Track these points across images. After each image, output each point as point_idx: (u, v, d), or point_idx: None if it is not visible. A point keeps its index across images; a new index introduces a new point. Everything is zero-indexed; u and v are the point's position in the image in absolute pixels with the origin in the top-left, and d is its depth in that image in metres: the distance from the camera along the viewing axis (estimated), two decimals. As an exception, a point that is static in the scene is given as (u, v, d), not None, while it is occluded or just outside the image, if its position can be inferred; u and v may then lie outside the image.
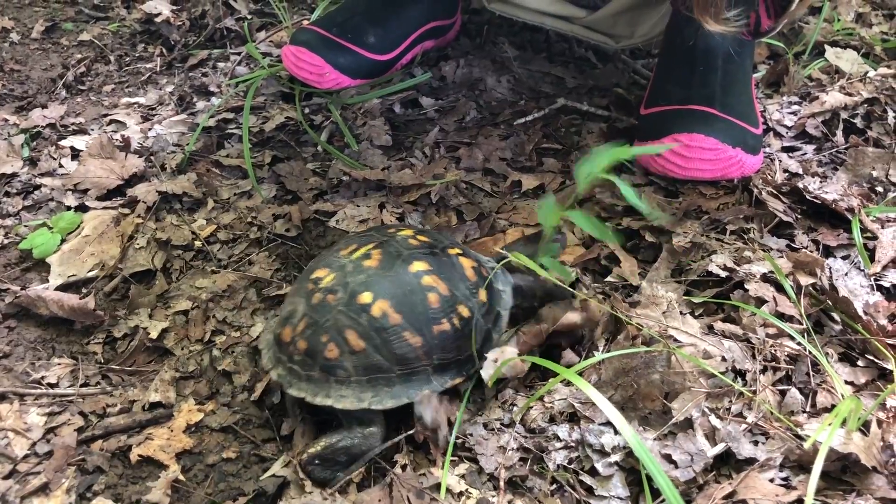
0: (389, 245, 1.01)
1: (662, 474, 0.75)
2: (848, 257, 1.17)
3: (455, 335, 0.98)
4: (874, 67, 1.61)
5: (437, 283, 0.98)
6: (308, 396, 0.94)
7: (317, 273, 1.00)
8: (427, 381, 0.96)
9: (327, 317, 0.95)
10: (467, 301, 1.00)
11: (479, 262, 1.08)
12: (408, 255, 0.99)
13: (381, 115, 1.59)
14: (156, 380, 1.08)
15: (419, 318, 0.96)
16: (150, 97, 1.74)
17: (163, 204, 1.39)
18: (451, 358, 0.98)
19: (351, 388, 0.94)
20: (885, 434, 0.88)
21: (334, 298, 0.96)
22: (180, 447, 0.99)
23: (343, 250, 1.02)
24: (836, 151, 1.42)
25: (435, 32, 1.76)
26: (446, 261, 1.02)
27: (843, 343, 1.04)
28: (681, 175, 1.30)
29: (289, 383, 0.96)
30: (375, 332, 0.94)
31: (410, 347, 0.95)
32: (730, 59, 1.36)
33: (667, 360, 0.95)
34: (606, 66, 1.78)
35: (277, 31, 1.93)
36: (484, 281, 1.04)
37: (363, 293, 0.95)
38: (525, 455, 0.94)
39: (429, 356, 0.96)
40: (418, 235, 1.05)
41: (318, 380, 0.94)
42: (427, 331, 0.96)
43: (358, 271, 0.97)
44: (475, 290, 1.02)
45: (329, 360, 0.94)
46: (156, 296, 1.22)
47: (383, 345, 0.94)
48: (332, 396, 0.93)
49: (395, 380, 0.95)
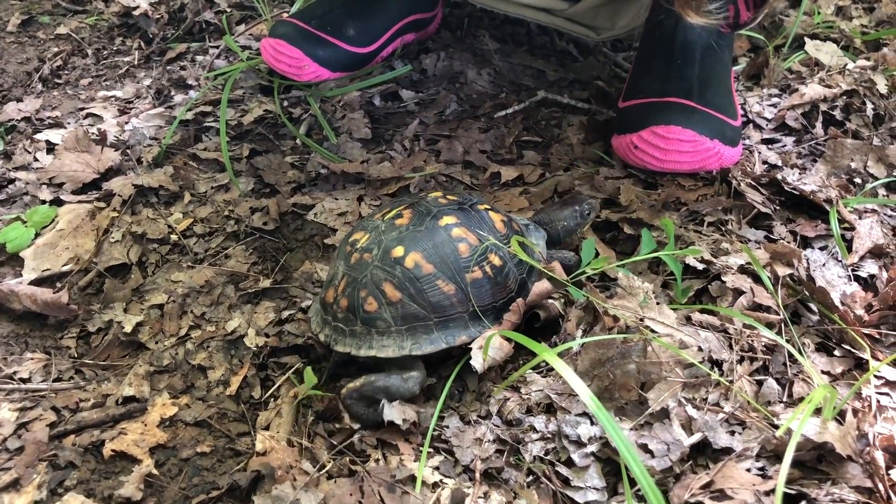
0: (420, 205, 1.06)
1: (636, 459, 0.74)
2: (826, 248, 1.17)
3: (489, 283, 1.03)
4: (853, 60, 1.62)
5: (466, 235, 1.03)
6: (353, 350, 0.99)
7: (354, 236, 1.06)
8: (464, 327, 1.01)
9: (364, 273, 1.01)
10: (498, 250, 1.05)
11: (510, 217, 1.12)
12: (437, 212, 1.05)
13: (361, 107, 1.58)
14: (130, 374, 1.07)
15: (451, 267, 1.01)
16: (127, 90, 1.72)
17: (139, 197, 1.38)
18: (487, 304, 1.03)
19: (392, 338, 0.99)
20: (861, 423, 0.88)
21: (370, 256, 1.01)
22: (154, 441, 0.98)
23: (377, 214, 1.08)
24: (815, 143, 1.42)
25: (415, 25, 1.75)
26: (475, 215, 1.07)
27: (820, 333, 1.04)
28: (658, 167, 1.30)
29: (334, 341, 1.01)
30: (409, 282, 0.99)
31: (445, 295, 1.00)
32: (708, 52, 1.36)
33: (643, 351, 0.95)
34: (587, 59, 1.78)
35: (257, 24, 1.92)
36: (516, 233, 1.08)
37: (396, 248, 1.00)
38: (501, 447, 0.93)
39: (464, 303, 1.01)
40: (448, 195, 1.10)
41: (360, 333, 1.00)
42: (460, 279, 1.01)
43: (391, 230, 1.03)
44: (507, 241, 1.06)
45: (369, 312, 0.99)
46: (131, 290, 1.21)
47: (418, 294, 0.99)
48: (375, 347, 0.99)
49: (432, 327, 1.00)
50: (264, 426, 0.99)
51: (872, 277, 1.12)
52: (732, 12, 1.33)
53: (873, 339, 1.01)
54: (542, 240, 1.15)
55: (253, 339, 1.10)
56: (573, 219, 1.19)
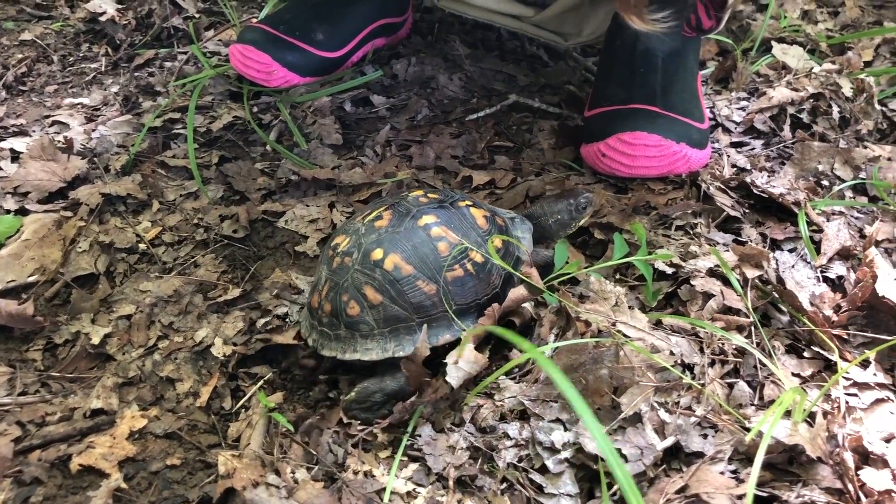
0: (400, 205, 1.07)
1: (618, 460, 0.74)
2: (794, 250, 1.18)
3: (471, 280, 1.03)
4: (819, 63, 1.64)
5: (446, 233, 1.03)
6: (338, 354, 1.00)
7: (336, 240, 1.06)
8: (448, 326, 1.02)
9: (346, 277, 1.01)
10: (480, 248, 1.05)
11: (494, 212, 1.12)
12: (417, 212, 1.05)
13: (332, 113, 1.57)
14: (97, 386, 1.05)
15: (431, 266, 1.01)
16: (94, 97, 1.69)
17: (106, 206, 1.36)
18: (470, 302, 1.03)
19: (375, 341, 1.00)
20: (830, 425, 0.89)
21: (350, 260, 1.02)
22: (123, 455, 0.96)
23: (358, 217, 1.08)
24: (783, 146, 1.43)
25: (385, 30, 1.74)
26: (455, 212, 1.07)
27: (790, 335, 1.05)
28: (628, 173, 1.30)
29: (321, 346, 1.02)
30: (390, 284, 1.00)
31: (426, 295, 1.00)
32: (671, 57, 1.36)
33: (615, 355, 0.95)
34: (558, 64, 1.78)
35: (226, 30, 1.90)
36: (499, 229, 1.08)
37: (375, 250, 1.01)
38: (475, 454, 0.93)
39: (446, 302, 1.01)
40: (429, 193, 1.10)
41: (345, 337, 1.01)
42: (441, 278, 1.01)
43: (370, 232, 1.03)
44: (488, 237, 1.06)
45: (352, 317, 1.00)
46: (99, 300, 1.19)
47: (399, 296, 1.00)
48: (359, 350, 1.00)
49: (415, 327, 1.01)
50: (235, 438, 0.98)
51: (841, 279, 1.13)
52: (694, 20, 1.35)
53: (842, 339, 1.02)
54: (529, 233, 1.15)
55: (221, 349, 1.09)
56: (567, 212, 1.18)
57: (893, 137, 1.46)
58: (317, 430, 0.96)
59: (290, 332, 1.09)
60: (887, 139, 1.46)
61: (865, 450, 0.86)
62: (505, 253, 1.08)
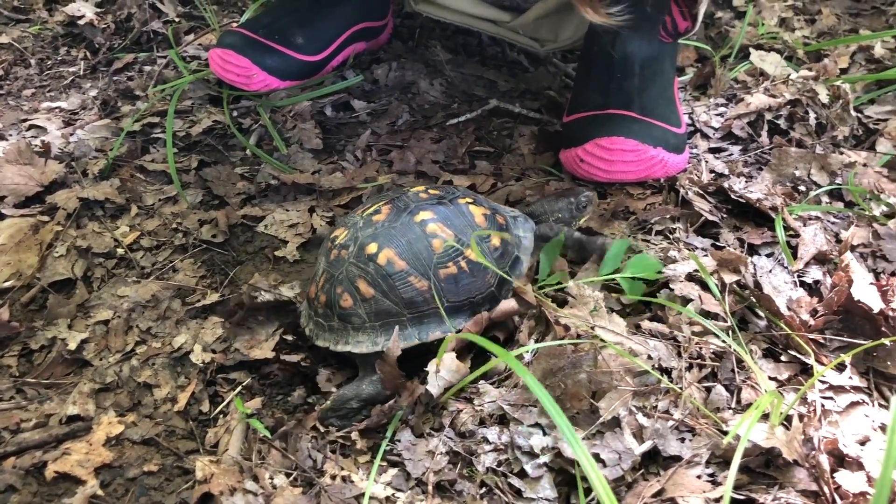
0: (399, 200, 1.08)
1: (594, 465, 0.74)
2: (772, 255, 1.19)
3: (465, 278, 1.03)
4: (796, 70, 1.65)
5: (441, 230, 1.04)
6: (331, 345, 1.02)
7: (335, 233, 1.08)
8: (439, 323, 1.02)
9: (341, 269, 1.03)
10: (477, 245, 1.05)
11: (495, 210, 1.13)
12: (415, 207, 1.06)
13: (312, 117, 1.57)
14: (74, 392, 1.04)
15: (424, 263, 1.02)
16: (72, 101, 1.68)
17: (84, 211, 1.35)
18: (464, 300, 1.04)
19: (366, 334, 1.01)
20: (806, 428, 0.89)
21: (347, 252, 1.04)
22: (99, 461, 0.96)
23: (358, 210, 1.10)
24: (760, 152, 1.45)
25: (365, 34, 1.74)
26: (454, 209, 1.07)
27: (768, 339, 1.05)
28: (606, 178, 1.31)
29: (316, 336, 1.04)
30: (382, 278, 1.01)
31: (418, 291, 1.01)
32: (648, 63, 1.37)
33: (593, 360, 0.95)
34: (538, 70, 1.79)
35: (206, 34, 1.89)
36: (498, 227, 1.09)
37: (370, 244, 1.02)
38: (454, 459, 0.93)
39: (438, 299, 1.01)
40: (430, 189, 1.11)
41: (337, 329, 1.02)
42: (433, 275, 1.01)
43: (367, 226, 1.05)
44: (486, 236, 1.07)
45: (344, 309, 1.02)
46: (76, 305, 1.18)
47: (391, 290, 1.01)
48: (351, 343, 1.01)
49: (406, 323, 1.01)
50: (213, 443, 0.98)
51: (817, 283, 1.14)
52: (670, 23, 1.36)
53: (818, 343, 1.03)
54: (531, 231, 1.15)
55: (200, 356, 1.08)
56: (568, 211, 1.19)
57: (869, 143, 1.47)
58: (295, 436, 0.96)
59: (267, 345, 1.09)
60: (863, 145, 1.48)
61: (841, 452, 0.87)
62: (503, 252, 1.08)
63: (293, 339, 1.10)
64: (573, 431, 0.77)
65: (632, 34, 1.35)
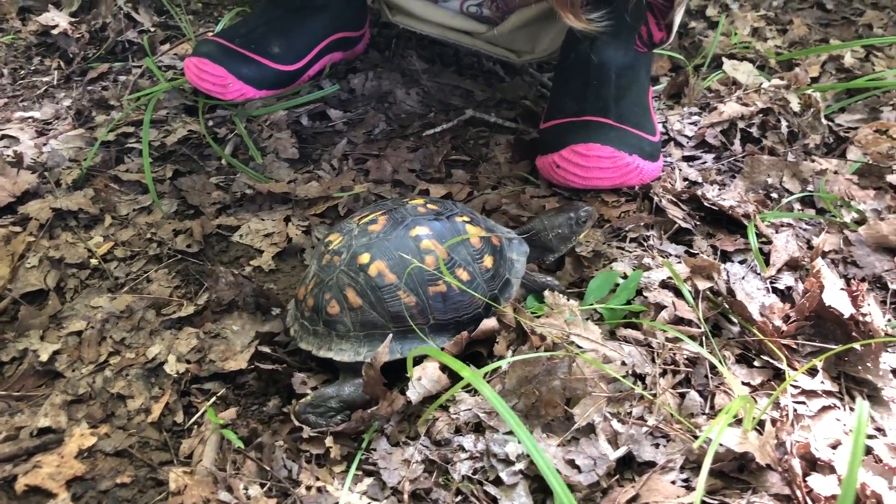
0: (397, 212, 1.07)
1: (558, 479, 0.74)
2: (745, 261, 1.20)
3: (453, 297, 1.03)
4: (768, 79, 1.67)
5: (435, 247, 1.03)
6: (314, 349, 1.03)
7: (329, 237, 1.08)
8: (423, 339, 1.02)
9: (331, 276, 1.03)
10: (468, 266, 1.05)
11: (492, 229, 1.12)
12: (411, 221, 1.05)
13: (288, 127, 1.57)
14: (45, 404, 1.03)
15: (414, 278, 1.01)
16: (45, 111, 1.67)
17: (57, 221, 1.33)
18: (450, 319, 1.03)
19: (350, 343, 1.01)
20: (779, 432, 0.90)
21: (339, 259, 1.03)
22: (71, 474, 0.94)
23: (355, 217, 1.09)
24: (733, 160, 1.46)
25: (342, 44, 1.75)
26: (450, 226, 1.07)
27: (741, 345, 1.06)
28: (581, 185, 1.32)
29: (300, 338, 1.05)
30: (371, 290, 1.00)
31: (405, 306, 1.01)
32: (623, 71, 1.39)
33: (568, 367, 0.95)
34: (514, 80, 1.80)
35: (181, 44, 1.89)
36: (492, 249, 1.08)
37: (363, 254, 1.02)
38: (430, 467, 0.92)
39: (424, 315, 1.02)
40: (428, 204, 1.11)
41: (322, 334, 1.03)
42: (422, 291, 1.01)
43: (362, 235, 1.04)
44: (479, 256, 1.06)
45: (331, 315, 1.02)
46: (48, 317, 1.17)
47: (378, 302, 1.01)
48: (333, 349, 1.01)
49: (390, 336, 1.00)
50: (187, 454, 0.97)
51: (789, 289, 1.15)
52: (645, 33, 1.37)
53: (791, 349, 1.04)
54: (524, 255, 1.14)
55: (174, 367, 1.07)
56: (567, 226, 1.18)
57: (839, 151, 1.49)
58: (270, 445, 0.95)
59: (242, 356, 1.08)
60: (833, 153, 1.50)
61: (813, 456, 0.88)
62: (494, 274, 1.07)
63: (270, 351, 1.10)
64: (534, 442, 0.78)
65: (608, 43, 1.36)
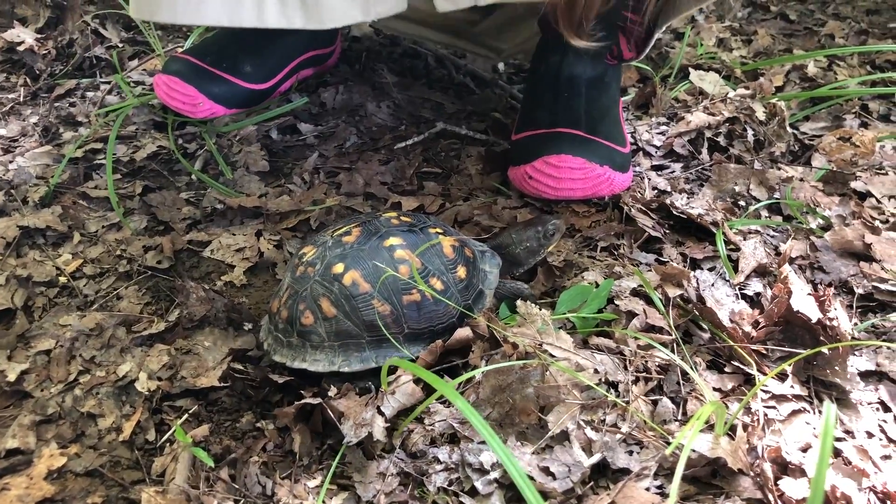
0: (371, 224, 1.08)
1: (530, 486, 0.74)
2: (714, 269, 1.22)
3: (428, 306, 1.04)
4: (734, 88, 1.70)
5: (409, 257, 1.04)
6: (287, 361, 1.02)
7: (304, 250, 1.09)
8: (397, 349, 1.02)
9: (306, 286, 1.03)
10: (442, 275, 1.06)
11: (464, 242, 1.13)
12: (385, 232, 1.06)
13: (258, 141, 1.57)
14: (13, 425, 1.01)
15: (389, 287, 1.02)
16: (11, 128, 1.65)
17: (24, 239, 1.32)
18: (425, 328, 1.04)
19: (324, 353, 1.01)
20: (750, 437, 0.91)
21: (313, 270, 1.04)
22: (41, 496, 0.93)
23: (329, 230, 1.10)
24: (701, 168, 1.48)
25: (314, 61, 1.75)
26: (424, 237, 1.08)
27: (711, 351, 1.07)
28: (553, 195, 1.33)
29: (274, 350, 1.05)
30: (345, 299, 1.01)
31: (379, 315, 1.01)
32: (594, 84, 1.40)
33: (541, 375, 0.96)
34: (484, 92, 1.81)
35: (150, 60, 1.88)
36: (465, 259, 1.09)
37: (337, 264, 1.03)
38: (405, 480, 0.92)
39: (399, 324, 1.03)
40: (402, 216, 1.12)
41: (296, 345, 1.03)
42: (397, 300, 1.02)
43: (336, 246, 1.05)
44: (453, 267, 1.07)
45: (305, 326, 1.02)
46: (16, 336, 1.15)
47: (353, 312, 1.01)
48: (308, 360, 1.01)
49: (365, 345, 1.02)
50: (160, 473, 0.96)
51: (758, 295, 1.17)
52: (615, 50, 1.39)
53: (760, 354, 1.05)
54: (496, 268, 1.15)
55: (146, 384, 1.06)
56: (535, 240, 1.18)
57: (805, 158, 1.52)
58: (243, 461, 0.95)
59: (214, 373, 1.07)
60: (799, 160, 1.52)
61: (784, 460, 0.89)
62: (468, 285, 1.08)
63: (242, 367, 1.09)
64: (507, 450, 0.78)
65: (579, 56, 1.38)
